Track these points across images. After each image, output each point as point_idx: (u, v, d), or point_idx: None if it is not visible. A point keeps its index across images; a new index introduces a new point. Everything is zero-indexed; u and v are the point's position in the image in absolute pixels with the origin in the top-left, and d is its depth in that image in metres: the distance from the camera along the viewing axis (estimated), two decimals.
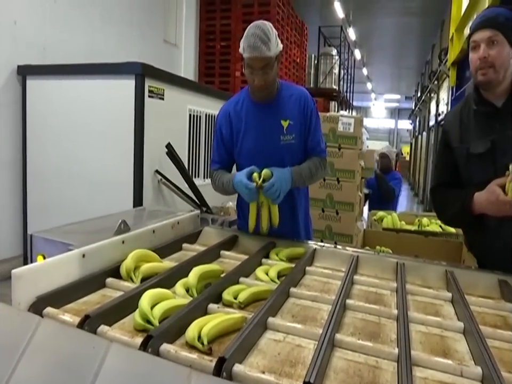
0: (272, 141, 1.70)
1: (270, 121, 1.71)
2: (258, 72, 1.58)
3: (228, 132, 1.75)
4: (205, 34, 7.18)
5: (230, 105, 1.78)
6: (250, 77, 1.62)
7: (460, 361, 0.90)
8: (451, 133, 1.56)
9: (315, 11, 10.99)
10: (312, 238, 1.92)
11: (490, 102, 1.47)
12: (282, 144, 1.70)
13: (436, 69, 9.35)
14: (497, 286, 1.35)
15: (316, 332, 0.95)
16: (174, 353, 0.83)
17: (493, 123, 1.46)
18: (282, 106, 1.72)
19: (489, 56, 1.38)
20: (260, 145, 1.71)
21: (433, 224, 2.92)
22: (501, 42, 1.38)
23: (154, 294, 1.04)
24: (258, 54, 1.54)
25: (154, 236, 1.47)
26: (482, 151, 1.45)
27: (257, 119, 1.72)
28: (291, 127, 1.71)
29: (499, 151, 1.43)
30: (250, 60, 1.57)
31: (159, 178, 3.57)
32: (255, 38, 1.54)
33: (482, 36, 1.39)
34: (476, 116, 1.50)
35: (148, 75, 3.38)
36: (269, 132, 1.71)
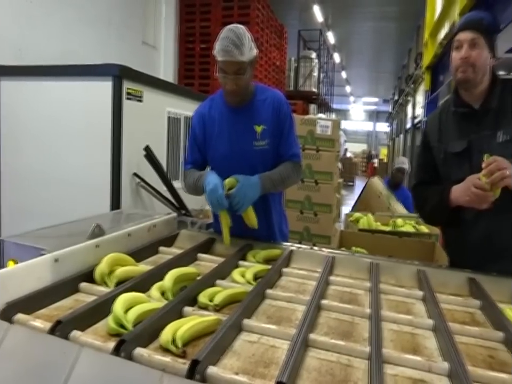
0: (245, 146, 1.68)
1: (243, 126, 1.69)
2: (231, 77, 1.56)
3: (201, 134, 1.74)
4: (184, 36, 7.15)
5: (205, 107, 1.76)
6: (222, 81, 1.59)
7: (428, 358, 0.93)
8: (430, 133, 1.62)
9: (294, 14, 11.09)
10: (288, 240, 1.93)
11: (468, 103, 1.52)
12: (255, 149, 1.68)
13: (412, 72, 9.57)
14: (467, 284, 1.39)
15: (290, 332, 0.96)
16: (147, 357, 0.83)
17: (470, 124, 1.51)
18: (256, 111, 1.69)
19: (471, 56, 1.44)
20: (232, 150, 1.69)
21: (408, 225, 2.99)
22: (482, 46, 1.44)
23: (128, 298, 1.03)
24: (230, 58, 1.52)
25: (129, 240, 1.46)
26: (460, 150, 1.51)
27: (230, 124, 1.70)
28: (265, 132, 1.68)
29: (475, 151, 1.48)
30: (222, 64, 1.55)
31: (137, 181, 3.53)
32: (228, 41, 1.52)
33: (466, 37, 1.45)
34: (454, 117, 1.56)
35: (125, 77, 3.34)
36: (241, 137, 1.69)
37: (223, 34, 1.55)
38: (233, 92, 1.60)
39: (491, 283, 1.37)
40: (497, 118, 1.49)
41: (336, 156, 3.10)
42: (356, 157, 23.82)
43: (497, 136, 1.47)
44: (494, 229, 1.47)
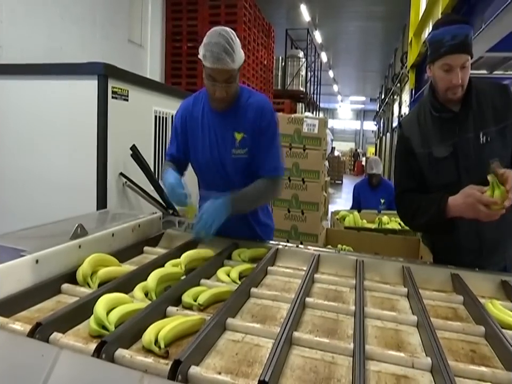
0: (224, 153, 1.63)
1: (224, 132, 1.63)
2: (221, 85, 1.49)
3: (183, 131, 1.72)
4: (171, 35, 7.11)
5: (189, 105, 1.73)
6: (211, 88, 1.52)
7: (412, 354, 0.93)
8: (412, 139, 1.59)
9: (282, 14, 11.11)
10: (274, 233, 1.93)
11: (448, 107, 1.53)
12: (233, 158, 1.62)
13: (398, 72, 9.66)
14: (450, 280, 1.41)
15: (274, 330, 0.96)
16: (129, 358, 0.81)
17: (452, 127, 1.52)
18: (238, 117, 1.62)
19: (462, 80, 1.44)
20: (211, 156, 1.66)
21: (393, 222, 3.01)
22: (469, 64, 1.45)
23: (111, 298, 1.02)
24: (222, 66, 1.44)
25: (113, 240, 1.44)
26: (446, 155, 1.51)
27: (211, 128, 1.65)
28: (244, 141, 1.61)
29: (461, 154, 1.50)
30: (212, 71, 1.47)
31: (124, 181, 3.50)
32: (219, 48, 1.43)
33: (458, 62, 1.42)
34: (434, 121, 1.56)
35: (111, 76, 3.30)
36: (221, 144, 1.64)
37: (212, 39, 1.46)
38: (222, 99, 1.55)
39: (474, 278, 1.39)
40: (476, 119, 1.50)
41: (323, 154, 3.11)
42: (344, 155, 23.97)
43: (480, 138, 1.49)
44: (484, 225, 1.47)
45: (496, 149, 1.48)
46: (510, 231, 1.57)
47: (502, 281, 1.38)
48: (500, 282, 1.39)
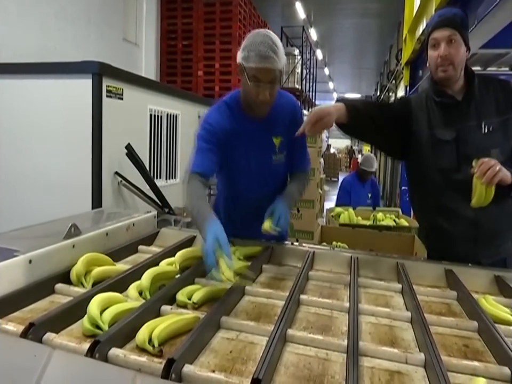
0: (265, 161, 1.60)
1: (262, 139, 1.58)
2: (266, 86, 1.41)
3: (220, 147, 1.52)
4: (166, 33, 7.08)
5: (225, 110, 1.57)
6: (254, 90, 1.42)
7: (405, 349, 0.94)
8: (418, 113, 1.60)
9: (277, 11, 11.07)
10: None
11: (449, 93, 1.54)
12: (274, 164, 1.61)
13: (393, 68, 9.65)
14: (444, 276, 1.41)
15: (269, 328, 0.96)
16: (123, 357, 0.82)
17: (455, 114, 1.53)
18: (273, 121, 1.58)
19: (449, 54, 1.45)
20: (251, 164, 1.59)
21: (388, 219, 3.03)
22: (458, 41, 1.46)
23: (104, 298, 1.02)
24: (269, 65, 1.38)
25: (107, 239, 1.44)
26: (449, 139, 1.52)
27: (249, 136, 1.56)
28: (282, 145, 1.60)
29: (462, 141, 1.51)
30: (258, 71, 1.39)
31: (119, 180, 3.49)
32: (266, 47, 1.38)
33: (443, 35, 1.45)
34: (437, 106, 1.57)
35: (105, 74, 3.30)
36: (262, 151, 1.59)
37: (256, 38, 1.41)
38: (265, 102, 1.46)
39: (468, 274, 1.40)
40: (479, 109, 1.52)
41: (318, 151, 3.11)
42: (340, 152, 24.00)
43: (482, 127, 1.50)
44: (481, 217, 1.49)
45: (497, 140, 1.49)
46: (506, 222, 1.56)
47: (495, 276, 1.39)
48: (493, 277, 1.39)
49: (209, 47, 6.77)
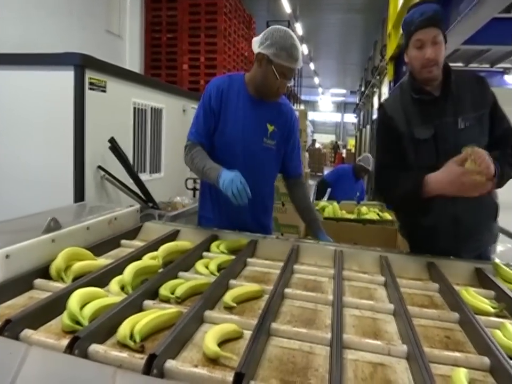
0: (256, 140, 1.71)
1: (258, 120, 1.72)
2: (286, 81, 1.64)
3: (217, 108, 1.69)
4: (150, 25, 6.96)
5: (224, 83, 1.72)
6: (274, 83, 1.62)
7: (388, 341, 0.95)
8: (395, 118, 1.60)
9: (263, 5, 11.01)
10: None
11: (428, 90, 1.55)
12: (264, 146, 1.72)
13: (377, 64, 9.71)
14: (426, 268, 1.43)
15: (252, 322, 0.95)
16: (103, 353, 0.80)
17: (432, 110, 1.54)
18: (272, 111, 1.75)
19: (436, 55, 1.45)
20: (244, 140, 1.69)
21: (372, 212, 3.05)
22: (441, 41, 1.46)
23: (85, 293, 0.99)
24: (296, 66, 1.62)
25: (89, 233, 1.41)
26: (427, 137, 1.53)
27: (246, 113, 1.71)
28: (274, 134, 1.74)
29: (440, 137, 1.52)
30: (287, 70, 1.60)
31: (102, 174, 3.43)
32: (297, 50, 1.59)
33: (428, 36, 1.44)
34: (415, 104, 1.57)
35: (88, 66, 3.23)
36: (255, 130, 1.72)
37: (287, 39, 1.58)
38: (280, 94, 1.69)
39: (449, 266, 1.42)
40: (456, 105, 1.53)
41: (303, 146, 3.10)
42: (325, 147, 24.10)
43: (458, 123, 1.52)
44: (462, 211, 1.51)
45: (473, 135, 1.51)
46: (485, 216, 1.59)
47: (476, 269, 1.41)
48: (474, 269, 1.42)
49: (194, 40, 6.69)
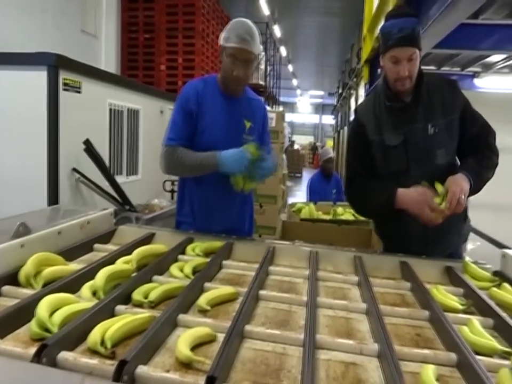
0: (236, 138, 1.72)
1: (236, 117, 1.75)
2: (241, 64, 1.64)
3: (196, 110, 1.70)
4: (127, 25, 6.86)
5: (199, 86, 1.74)
6: (229, 67, 1.65)
7: (360, 341, 0.96)
8: (366, 125, 1.63)
9: (241, 7, 11.02)
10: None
11: (400, 97, 1.58)
12: (245, 142, 1.71)
13: (354, 67, 9.86)
14: (399, 267, 1.46)
15: (226, 325, 0.95)
16: (72, 360, 0.78)
17: (403, 117, 1.57)
18: (247, 107, 1.80)
19: (409, 71, 1.48)
20: (225, 139, 1.70)
21: (347, 213, 3.10)
22: (417, 56, 1.49)
23: (55, 299, 0.97)
24: (245, 47, 1.62)
25: (60, 238, 1.37)
26: (397, 143, 1.56)
27: (224, 113, 1.73)
28: (252, 129, 1.78)
29: (410, 143, 1.55)
30: (235, 50, 1.62)
31: (77, 177, 3.37)
32: (244, 31, 1.62)
33: (404, 54, 1.47)
34: (387, 110, 1.61)
35: (62, 67, 3.17)
36: (234, 127, 1.74)
37: (237, 24, 1.65)
38: (239, 79, 1.66)
39: (421, 265, 1.45)
40: (426, 111, 1.56)
41: (281, 147, 3.13)
42: (303, 149, 24.29)
43: (428, 129, 1.55)
44: None
45: (443, 141, 1.55)
46: (454, 220, 1.63)
47: (446, 267, 1.45)
48: (444, 268, 1.46)
49: (172, 41, 6.64)
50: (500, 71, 4.91)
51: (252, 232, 1.96)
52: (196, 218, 1.78)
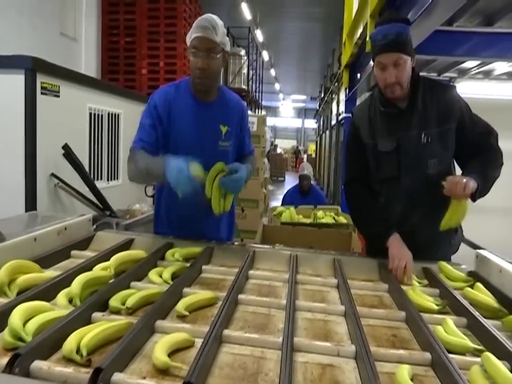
0: (211, 145, 1.67)
1: (210, 124, 1.68)
2: (202, 54, 1.55)
3: (165, 117, 1.63)
4: (107, 29, 6.80)
5: (170, 92, 1.67)
6: (193, 61, 1.56)
7: (338, 343, 0.97)
8: (361, 129, 1.64)
9: (223, 11, 11.02)
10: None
11: (395, 103, 1.57)
12: (220, 149, 1.69)
13: (335, 71, 10.00)
14: (377, 269, 1.48)
15: (204, 330, 0.95)
16: (47, 369, 0.77)
17: (397, 123, 1.57)
18: (222, 111, 1.71)
19: (397, 77, 1.47)
20: (198, 147, 1.62)
21: (327, 217, 3.13)
22: (404, 61, 1.47)
23: (29, 307, 0.95)
24: (205, 35, 1.53)
25: (36, 245, 1.35)
26: (389, 150, 1.56)
27: (197, 119, 1.66)
28: (229, 134, 1.71)
29: (403, 150, 1.55)
30: (196, 40, 1.55)
31: (55, 182, 3.31)
32: (203, 20, 1.55)
33: (389, 60, 1.46)
34: (381, 115, 1.60)
35: (40, 70, 3.11)
36: (208, 135, 1.67)
37: (198, 19, 1.58)
38: (203, 72, 1.56)
39: None
40: (420, 118, 1.55)
41: (262, 151, 3.15)
42: (286, 153, 24.44)
43: (422, 138, 1.53)
44: (416, 228, 1.55)
45: (435, 150, 1.53)
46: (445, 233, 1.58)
47: (423, 268, 1.48)
48: (421, 269, 1.49)
49: (153, 44, 6.60)
50: (475, 77, 5.04)
51: (231, 239, 1.90)
52: (173, 229, 1.73)
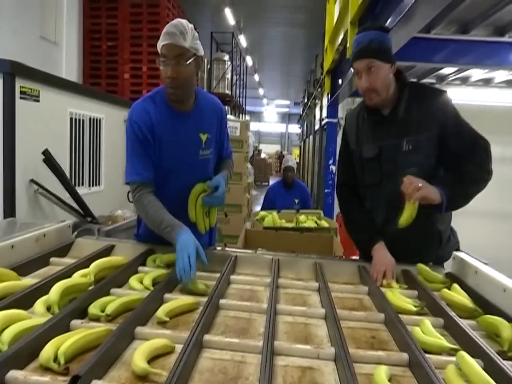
0: (191, 156, 1.63)
1: (189, 134, 1.63)
2: (171, 62, 1.47)
3: (150, 133, 1.55)
4: (89, 33, 6.73)
5: (149, 109, 1.57)
6: (163, 70, 1.49)
7: (318, 345, 0.98)
8: (349, 135, 1.68)
9: (207, 16, 11.07)
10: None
11: (379, 111, 1.59)
12: (200, 159, 1.66)
13: (318, 77, 10.11)
14: (358, 272, 1.50)
15: (184, 335, 0.95)
16: (23, 379, 0.76)
17: (380, 130, 1.58)
18: (201, 118, 1.65)
19: (370, 83, 1.49)
20: (178, 160, 1.60)
21: (310, 221, 3.15)
22: (377, 67, 1.48)
23: (4, 316, 0.94)
24: (173, 41, 1.46)
25: (13, 252, 1.32)
26: (372, 156, 1.58)
27: (175, 131, 1.59)
28: (209, 141, 1.67)
29: (384, 158, 1.57)
30: (164, 48, 1.48)
31: (35, 188, 3.25)
32: (171, 26, 1.48)
33: (361, 66, 1.49)
34: (367, 122, 1.63)
35: (19, 74, 3.07)
36: (188, 146, 1.63)
37: (167, 26, 1.50)
38: (174, 81, 1.49)
39: None
40: (403, 126, 1.55)
41: (245, 156, 3.15)
42: (270, 157, 24.52)
43: (403, 145, 1.54)
44: (399, 235, 1.54)
45: (416, 158, 1.53)
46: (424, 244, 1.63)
47: (402, 271, 1.51)
48: (401, 271, 1.51)
49: (136, 49, 6.57)
50: (452, 83, 5.18)
51: (213, 244, 1.86)
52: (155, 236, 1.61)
